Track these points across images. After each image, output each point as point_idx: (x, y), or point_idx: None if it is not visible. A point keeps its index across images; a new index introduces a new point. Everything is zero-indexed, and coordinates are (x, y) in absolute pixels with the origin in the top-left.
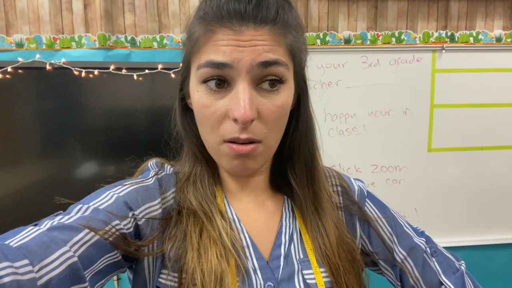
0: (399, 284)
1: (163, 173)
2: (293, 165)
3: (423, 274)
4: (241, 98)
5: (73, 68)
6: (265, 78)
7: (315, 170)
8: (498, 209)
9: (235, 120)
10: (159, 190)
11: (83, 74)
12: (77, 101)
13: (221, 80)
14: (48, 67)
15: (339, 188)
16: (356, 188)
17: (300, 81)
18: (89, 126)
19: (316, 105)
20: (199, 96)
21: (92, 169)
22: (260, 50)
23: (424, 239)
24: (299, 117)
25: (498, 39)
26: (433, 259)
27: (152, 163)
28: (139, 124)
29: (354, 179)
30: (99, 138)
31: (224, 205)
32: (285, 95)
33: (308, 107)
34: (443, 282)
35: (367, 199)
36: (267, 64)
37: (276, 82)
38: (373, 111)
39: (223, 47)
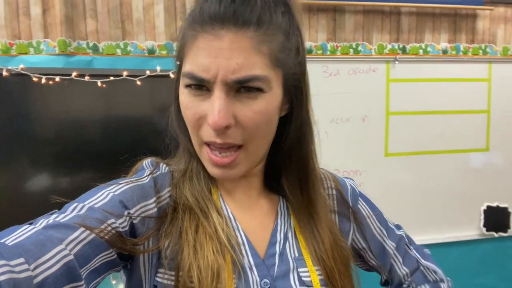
0: (388, 275)
1: (158, 172)
2: (286, 171)
3: (408, 264)
4: (215, 105)
5: (32, 75)
6: (244, 86)
7: (309, 176)
8: (450, 209)
9: None
10: (155, 189)
11: (43, 81)
12: (36, 109)
13: (201, 86)
14: (4, 73)
15: (333, 191)
16: (348, 187)
17: (291, 87)
18: (49, 135)
19: None
20: (183, 98)
21: (54, 180)
22: (234, 66)
23: (403, 231)
24: (291, 124)
25: (444, 51)
26: (411, 247)
27: (147, 162)
28: (102, 133)
29: (345, 177)
30: (60, 147)
31: (220, 202)
32: (266, 102)
33: (302, 113)
34: (425, 266)
35: (359, 198)
36: (240, 82)
37: (255, 90)
38: (334, 118)
39: (203, 58)
